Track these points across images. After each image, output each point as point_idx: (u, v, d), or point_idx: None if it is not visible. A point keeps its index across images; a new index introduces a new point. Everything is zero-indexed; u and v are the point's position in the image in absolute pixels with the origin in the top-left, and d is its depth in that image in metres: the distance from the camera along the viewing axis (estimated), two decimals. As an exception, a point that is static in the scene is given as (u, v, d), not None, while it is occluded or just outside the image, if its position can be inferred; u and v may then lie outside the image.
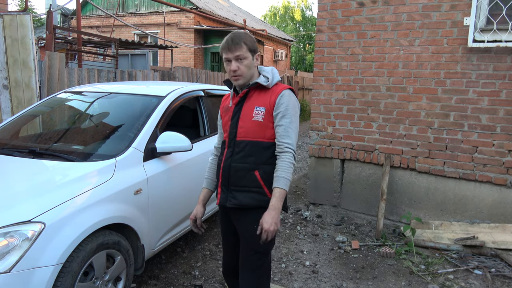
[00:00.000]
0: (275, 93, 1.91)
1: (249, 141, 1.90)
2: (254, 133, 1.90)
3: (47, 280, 1.93)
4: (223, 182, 1.96)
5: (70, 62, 9.16)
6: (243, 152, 1.91)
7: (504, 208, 3.71)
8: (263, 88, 1.94)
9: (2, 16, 4.35)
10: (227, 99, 2.11)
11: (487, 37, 3.63)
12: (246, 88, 1.94)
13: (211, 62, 15.98)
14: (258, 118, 1.89)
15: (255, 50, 1.92)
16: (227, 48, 1.87)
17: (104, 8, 14.34)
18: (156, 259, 3.33)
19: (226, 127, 2.01)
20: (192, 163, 3.20)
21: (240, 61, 1.87)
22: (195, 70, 8.77)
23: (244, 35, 1.89)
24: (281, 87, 1.94)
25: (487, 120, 3.72)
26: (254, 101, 1.93)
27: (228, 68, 1.90)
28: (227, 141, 1.97)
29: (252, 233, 1.87)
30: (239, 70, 1.88)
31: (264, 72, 1.98)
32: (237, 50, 1.85)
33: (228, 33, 1.93)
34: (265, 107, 1.90)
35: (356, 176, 4.48)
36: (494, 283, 3.10)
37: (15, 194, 2.14)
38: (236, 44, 1.85)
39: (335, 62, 4.46)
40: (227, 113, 2.03)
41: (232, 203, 1.93)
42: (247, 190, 1.90)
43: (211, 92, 3.91)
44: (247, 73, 1.90)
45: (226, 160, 1.95)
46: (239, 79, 1.91)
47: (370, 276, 3.20)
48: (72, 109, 3.46)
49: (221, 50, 1.91)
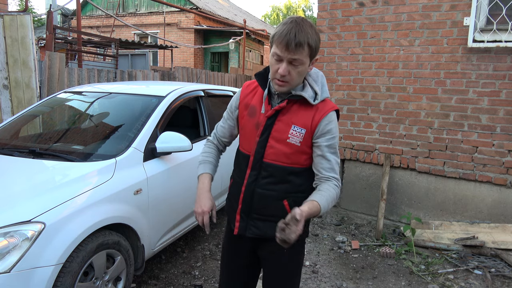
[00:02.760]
0: (321, 113, 1.54)
1: (280, 166, 1.57)
2: (286, 158, 1.57)
3: (47, 280, 1.93)
4: (244, 209, 1.65)
5: (70, 62, 9.17)
6: (271, 178, 1.59)
7: (504, 208, 3.71)
8: (306, 103, 1.56)
9: (2, 16, 4.35)
10: (252, 95, 1.68)
11: (487, 37, 3.64)
12: (286, 97, 1.56)
13: (211, 62, 15.99)
14: (295, 141, 1.54)
15: (315, 54, 1.51)
16: (286, 45, 1.41)
17: (104, 8, 14.35)
18: (156, 259, 3.33)
19: (251, 138, 1.62)
20: (192, 163, 3.19)
21: (294, 65, 1.46)
22: (195, 70, 8.77)
23: (311, 33, 1.44)
24: (328, 106, 1.57)
25: (487, 120, 3.72)
26: (292, 117, 1.55)
27: (276, 67, 1.48)
28: (252, 161, 1.61)
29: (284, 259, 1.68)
30: (289, 75, 1.47)
31: (312, 82, 1.58)
32: (297, 53, 1.42)
33: (228, 33, 1.62)
34: (305, 129, 1.54)
35: (356, 176, 4.48)
36: (494, 283, 3.10)
37: (15, 194, 2.14)
38: (299, 45, 1.41)
39: (335, 62, 4.46)
40: (253, 119, 1.62)
41: (252, 233, 1.65)
42: (272, 220, 1.57)
43: (211, 92, 3.91)
44: (297, 81, 1.52)
45: (250, 184, 1.62)
46: (284, 85, 1.51)
47: (370, 276, 3.20)
48: (72, 109, 3.46)
49: (276, 42, 1.44)
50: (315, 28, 1.48)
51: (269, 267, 1.73)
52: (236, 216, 1.68)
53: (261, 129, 1.59)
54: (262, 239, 1.68)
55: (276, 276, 1.73)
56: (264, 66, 1.72)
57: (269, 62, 1.56)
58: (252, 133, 1.62)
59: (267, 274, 1.75)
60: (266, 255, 1.72)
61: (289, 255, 1.69)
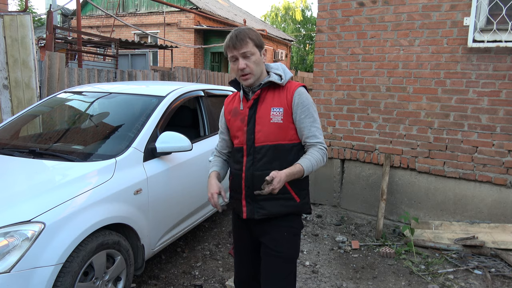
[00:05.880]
0: (291, 91, 1.79)
1: (271, 145, 1.77)
2: (275, 136, 1.77)
3: (47, 280, 1.93)
4: (248, 193, 1.81)
5: (70, 62, 9.17)
6: (265, 158, 1.77)
7: (504, 208, 3.71)
8: (276, 87, 1.81)
9: (2, 16, 4.35)
10: (232, 101, 1.94)
11: (487, 37, 3.63)
12: (258, 88, 1.80)
13: (211, 62, 15.99)
14: (277, 120, 1.76)
15: (261, 45, 1.77)
16: (232, 46, 1.71)
17: (104, 8, 14.34)
18: (156, 259, 3.33)
19: (239, 132, 1.84)
20: (192, 163, 3.20)
21: (247, 58, 1.72)
22: (195, 70, 8.77)
23: (248, 30, 1.76)
24: (295, 84, 1.82)
25: (487, 120, 3.72)
26: (269, 101, 1.79)
27: (235, 67, 1.74)
28: (245, 148, 1.81)
29: (282, 242, 1.81)
30: (247, 67, 1.73)
31: (273, 69, 1.84)
32: (243, 47, 1.70)
33: (228, 33, 1.84)
34: (282, 107, 1.77)
35: (356, 176, 4.48)
36: (494, 283, 3.10)
37: (15, 194, 2.14)
38: (241, 40, 1.70)
39: (335, 62, 4.46)
40: (237, 117, 1.86)
41: (261, 214, 1.80)
42: (274, 198, 1.76)
43: (211, 92, 3.91)
44: (257, 70, 1.76)
45: (248, 169, 1.80)
46: (249, 78, 1.75)
47: (370, 276, 3.20)
48: (72, 109, 3.46)
49: (226, 49, 1.75)
50: (253, 29, 1.81)
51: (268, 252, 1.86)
52: (242, 202, 1.83)
53: (246, 119, 1.82)
54: (266, 224, 1.83)
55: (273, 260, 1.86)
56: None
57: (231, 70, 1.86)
58: (240, 127, 1.84)
59: (265, 257, 1.88)
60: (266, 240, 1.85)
61: (288, 238, 1.84)
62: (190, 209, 3.22)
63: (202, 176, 2.26)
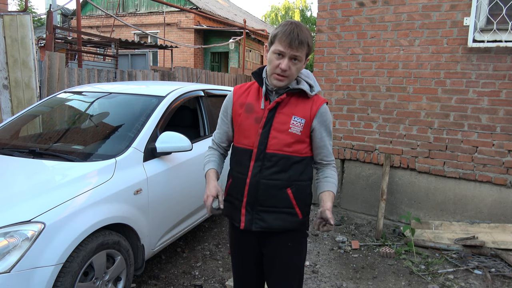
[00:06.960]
0: (317, 104, 1.69)
1: (284, 155, 1.66)
2: (289, 146, 1.66)
3: (47, 280, 1.93)
4: (249, 202, 1.70)
5: (70, 62, 9.17)
6: (275, 167, 1.66)
7: (504, 208, 3.71)
8: (301, 95, 1.70)
9: (2, 16, 4.35)
10: (246, 94, 1.77)
11: (487, 37, 3.64)
12: (285, 91, 1.67)
13: (211, 62, 15.99)
14: (296, 131, 1.66)
15: (309, 55, 1.65)
16: (288, 43, 1.55)
17: (104, 8, 14.35)
18: (156, 259, 3.33)
19: (251, 133, 1.70)
20: (192, 163, 3.20)
21: (294, 61, 1.60)
22: (195, 70, 8.77)
23: (309, 33, 1.61)
24: (321, 99, 1.74)
25: (487, 120, 3.72)
26: (291, 109, 1.67)
27: (276, 62, 1.60)
28: (255, 152, 1.68)
29: (288, 252, 1.75)
30: (289, 70, 1.60)
31: (304, 76, 1.72)
32: (298, 50, 1.57)
33: (228, 33, 1.76)
34: (305, 119, 1.66)
35: (356, 176, 4.48)
36: (494, 283, 3.10)
37: (15, 194, 2.14)
38: (301, 43, 1.56)
39: (335, 62, 4.46)
40: (252, 115, 1.71)
41: (259, 226, 1.70)
42: (276, 211, 1.68)
43: (211, 92, 3.90)
44: (294, 76, 1.65)
45: (254, 176, 1.68)
46: (284, 80, 1.63)
47: (370, 276, 3.20)
48: (72, 109, 3.46)
49: (278, 40, 1.58)
50: (310, 31, 1.65)
51: (274, 263, 1.78)
52: (242, 210, 1.72)
53: (263, 121, 1.68)
54: (267, 235, 1.74)
55: (281, 271, 1.78)
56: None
57: (267, 60, 1.67)
58: (252, 127, 1.70)
59: (272, 269, 1.79)
60: (270, 251, 1.77)
61: (293, 249, 1.76)
62: (190, 209, 3.22)
63: (202, 176, 2.24)
